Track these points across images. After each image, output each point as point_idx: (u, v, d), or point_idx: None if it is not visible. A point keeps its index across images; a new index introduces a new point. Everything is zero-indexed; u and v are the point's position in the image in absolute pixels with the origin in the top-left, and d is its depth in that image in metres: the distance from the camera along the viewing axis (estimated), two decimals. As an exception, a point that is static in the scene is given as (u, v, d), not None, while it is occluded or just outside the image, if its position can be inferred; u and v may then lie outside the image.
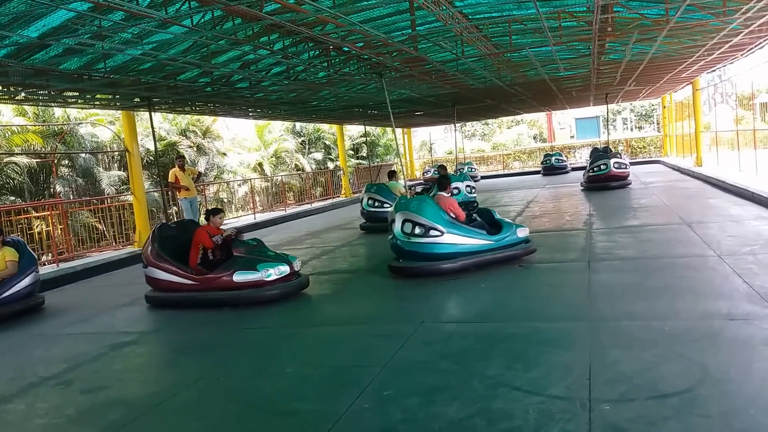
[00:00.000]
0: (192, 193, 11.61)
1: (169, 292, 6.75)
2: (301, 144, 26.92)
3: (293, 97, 13.33)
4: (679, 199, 12.11)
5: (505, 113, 29.24)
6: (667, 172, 19.52)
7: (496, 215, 7.53)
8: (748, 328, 4.12)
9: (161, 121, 20.10)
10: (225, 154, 22.94)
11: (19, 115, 16.31)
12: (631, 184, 15.62)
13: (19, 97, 9.32)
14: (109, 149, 17.67)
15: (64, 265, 10.01)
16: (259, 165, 25.06)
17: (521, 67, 12.61)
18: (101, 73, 8.33)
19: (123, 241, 12.65)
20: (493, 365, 3.87)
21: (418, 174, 29.14)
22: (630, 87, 18.26)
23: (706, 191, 12.88)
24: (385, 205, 11.51)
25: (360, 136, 29.48)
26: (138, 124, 15.21)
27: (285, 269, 6.39)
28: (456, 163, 20.08)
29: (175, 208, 11.76)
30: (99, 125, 17.72)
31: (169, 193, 12.80)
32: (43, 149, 15.86)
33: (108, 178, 16.74)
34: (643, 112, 49.62)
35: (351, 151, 28.89)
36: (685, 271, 6.00)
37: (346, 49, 9.07)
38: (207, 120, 21.26)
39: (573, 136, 46.03)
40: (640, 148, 29.29)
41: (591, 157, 17.38)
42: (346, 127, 25.45)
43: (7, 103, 13.87)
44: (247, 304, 6.28)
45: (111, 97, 10.45)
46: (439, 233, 6.73)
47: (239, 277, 6.30)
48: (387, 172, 14.09)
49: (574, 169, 24.14)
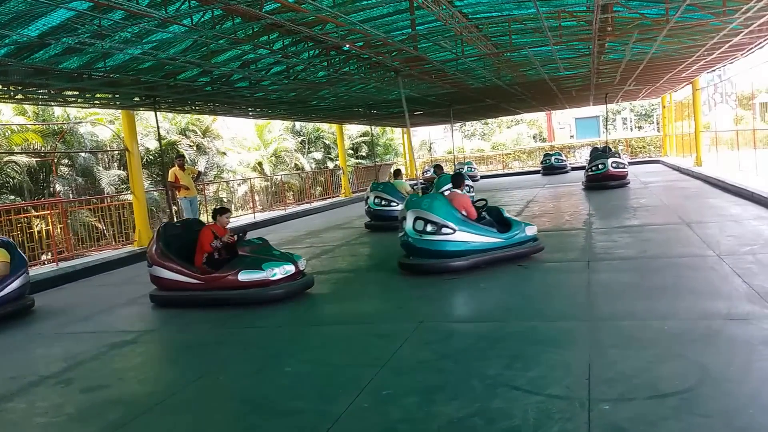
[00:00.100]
0: (192, 192, 11.66)
1: (174, 291, 6.75)
2: (300, 143, 26.89)
3: (293, 97, 13.33)
4: (678, 198, 12.11)
5: (505, 113, 29.22)
6: (666, 172, 19.52)
7: (505, 213, 7.55)
8: (748, 327, 4.13)
9: (161, 121, 20.04)
10: (225, 154, 22.91)
11: (19, 114, 16.28)
12: (629, 184, 15.63)
13: (19, 96, 9.31)
14: (108, 148, 17.66)
15: (63, 264, 10.00)
16: (259, 164, 25.04)
17: (521, 67, 12.60)
18: (101, 72, 8.33)
19: (123, 241, 12.64)
20: (493, 365, 3.87)
21: (418, 173, 29.09)
22: (630, 87, 18.25)
23: (705, 191, 12.89)
24: (392, 203, 11.48)
25: (360, 136, 29.46)
26: (137, 124, 15.21)
27: (290, 268, 6.39)
28: (455, 163, 20.05)
29: (174, 208, 11.76)
30: (99, 124, 17.70)
31: (169, 192, 12.80)
32: (42, 148, 15.83)
33: (108, 178, 16.72)
34: (642, 111, 49.61)
35: (350, 151, 28.87)
36: (685, 270, 6.01)
37: (346, 48, 9.07)
38: (207, 119, 21.24)
39: (573, 136, 45.98)
40: (640, 148, 29.27)
41: (591, 156, 17.42)
42: (346, 126, 25.43)
43: (6, 102, 13.84)
44: (252, 304, 6.27)
45: (111, 96, 10.46)
46: (451, 231, 6.76)
47: (244, 276, 6.29)
48: (393, 170, 14.09)
49: (573, 168, 24.12)
